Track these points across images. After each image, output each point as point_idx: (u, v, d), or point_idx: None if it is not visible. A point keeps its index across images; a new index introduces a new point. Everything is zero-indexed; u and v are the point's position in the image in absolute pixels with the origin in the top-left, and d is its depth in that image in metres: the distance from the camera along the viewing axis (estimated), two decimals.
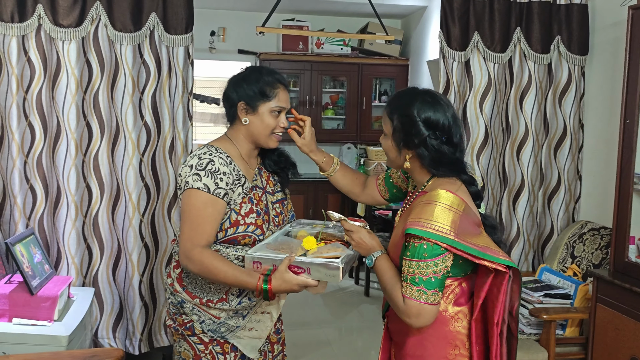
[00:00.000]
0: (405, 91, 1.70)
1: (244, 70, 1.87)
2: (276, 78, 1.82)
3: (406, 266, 1.53)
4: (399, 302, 1.55)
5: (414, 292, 1.52)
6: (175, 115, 2.89)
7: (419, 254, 1.51)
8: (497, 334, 1.57)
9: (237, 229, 1.76)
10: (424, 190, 1.63)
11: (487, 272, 1.58)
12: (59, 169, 2.76)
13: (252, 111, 1.79)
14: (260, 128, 1.80)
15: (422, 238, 1.50)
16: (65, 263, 2.81)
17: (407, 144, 1.61)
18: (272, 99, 1.79)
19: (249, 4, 5.52)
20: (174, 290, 1.85)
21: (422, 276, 1.51)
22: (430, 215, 1.51)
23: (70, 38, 2.70)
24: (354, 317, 4.32)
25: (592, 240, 3.06)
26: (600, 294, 2.55)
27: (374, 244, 1.66)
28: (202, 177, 1.71)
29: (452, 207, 1.53)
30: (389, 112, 1.65)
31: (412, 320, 1.53)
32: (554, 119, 3.32)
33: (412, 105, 1.60)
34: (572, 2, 3.22)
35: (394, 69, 6.02)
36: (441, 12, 3.14)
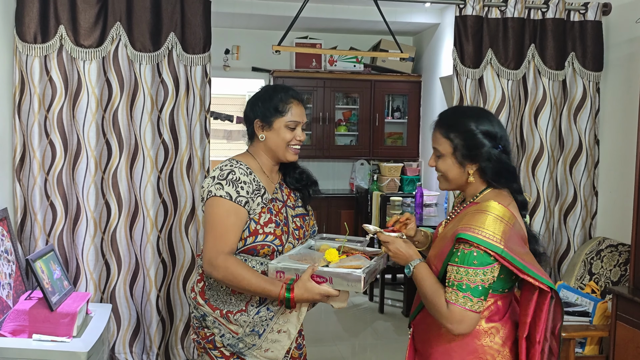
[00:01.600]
0: (453, 110, 1.77)
1: (260, 90, 1.96)
2: (289, 94, 1.89)
3: (453, 272, 1.55)
4: (441, 307, 1.56)
5: (459, 299, 1.54)
6: (192, 132, 2.93)
7: (469, 260, 1.54)
8: (538, 351, 1.60)
9: (256, 238, 1.81)
10: (475, 201, 1.67)
11: (531, 290, 1.60)
12: (79, 186, 2.80)
13: (268, 127, 1.87)
14: (277, 142, 1.87)
15: (472, 244, 1.53)
16: (84, 279, 2.84)
17: (471, 159, 1.64)
18: (286, 113, 1.87)
19: (262, 23, 5.60)
20: (197, 304, 1.89)
21: (469, 283, 1.53)
22: (482, 223, 1.55)
23: (91, 58, 2.76)
24: (368, 334, 4.30)
25: (610, 257, 3.04)
26: (620, 311, 2.52)
27: (411, 252, 1.68)
28: (224, 185, 1.78)
29: (503, 218, 1.57)
30: (443, 132, 1.67)
31: (453, 326, 1.55)
32: (569, 135, 3.32)
33: (468, 120, 1.65)
34: (586, 18, 3.24)
35: (407, 85, 6.05)
36: (455, 30, 3.17)
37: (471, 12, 3.13)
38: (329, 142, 6.00)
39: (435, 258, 1.67)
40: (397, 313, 4.72)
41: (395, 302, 4.99)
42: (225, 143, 9.25)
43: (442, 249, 1.64)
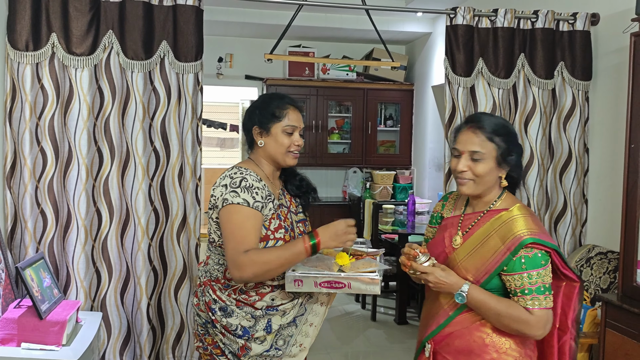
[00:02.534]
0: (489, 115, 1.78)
1: (257, 99, 2.02)
2: (285, 100, 1.94)
3: (524, 279, 1.59)
4: (526, 317, 1.58)
5: (542, 301, 1.58)
6: (184, 140, 2.93)
7: (537, 263, 1.59)
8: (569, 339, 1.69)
9: (266, 244, 1.84)
10: (494, 208, 1.70)
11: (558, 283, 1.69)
12: (70, 194, 2.80)
13: (266, 133, 1.91)
14: (275, 147, 1.91)
15: (534, 247, 1.59)
16: (74, 287, 2.83)
17: (506, 163, 1.69)
18: (283, 119, 1.90)
19: (255, 31, 5.62)
20: (199, 311, 1.92)
21: (544, 283, 1.59)
22: (530, 226, 1.61)
23: (83, 66, 2.76)
24: (360, 342, 4.29)
25: (599, 264, 3.06)
26: (610, 318, 2.53)
27: (454, 279, 1.64)
28: (240, 193, 1.81)
29: (534, 216, 1.67)
30: (489, 135, 1.67)
31: (541, 331, 1.59)
32: (559, 144, 3.35)
33: (508, 126, 1.73)
34: (575, 28, 3.28)
35: (399, 93, 6.09)
36: (446, 39, 3.20)
37: (462, 21, 3.16)
38: (321, 150, 6.02)
39: (479, 269, 1.64)
40: (389, 321, 4.72)
41: (387, 309, 4.99)
42: (219, 151, 9.27)
43: (489, 258, 1.63)
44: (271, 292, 1.90)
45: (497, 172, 1.68)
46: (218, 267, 1.92)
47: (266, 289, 1.89)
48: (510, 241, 1.59)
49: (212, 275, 1.93)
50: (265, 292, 1.89)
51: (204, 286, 1.94)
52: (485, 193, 1.72)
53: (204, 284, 1.94)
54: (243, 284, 1.87)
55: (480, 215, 1.71)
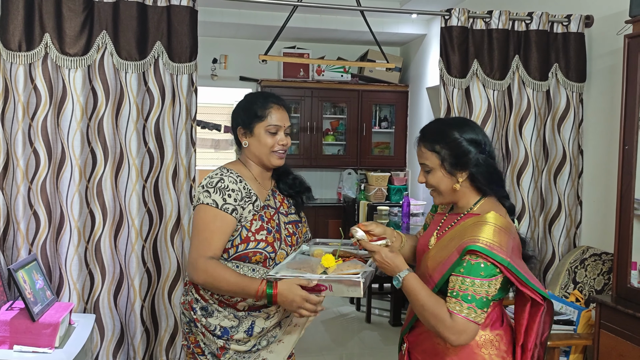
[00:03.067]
0: (434, 123, 1.77)
1: (242, 99, 2.00)
2: (269, 99, 1.91)
3: (458, 282, 1.55)
4: (444, 317, 1.55)
5: (463, 309, 1.53)
6: (178, 141, 2.91)
7: (476, 272, 1.54)
8: (529, 358, 1.64)
9: (247, 245, 1.82)
10: (471, 212, 1.67)
11: (524, 300, 1.63)
12: (63, 195, 2.78)
13: (250, 133, 1.90)
14: (259, 148, 1.89)
15: (480, 256, 1.53)
16: (67, 289, 2.81)
17: (460, 167, 1.65)
18: (265, 118, 1.88)
19: (250, 32, 5.61)
20: (184, 309, 1.93)
21: (475, 294, 1.53)
22: (487, 235, 1.55)
23: (76, 66, 2.74)
24: (355, 344, 4.29)
25: (593, 265, 3.06)
26: (604, 320, 2.54)
27: (398, 263, 1.65)
28: (212, 193, 1.81)
29: (505, 229, 1.58)
30: (429, 145, 1.68)
31: (454, 337, 1.54)
32: (553, 145, 3.35)
33: (451, 130, 1.66)
34: (569, 30, 3.29)
35: (394, 95, 6.09)
36: (441, 40, 3.20)
37: (456, 23, 3.16)
38: (316, 152, 6.01)
39: (435, 270, 1.65)
40: (384, 322, 4.72)
41: (382, 311, 4.99)
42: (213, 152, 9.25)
43: (443, 260, 1.62)
44: None
45: (450, 179, 1.66)
46: None
47: None
48: (461, 244, 1.58)
49: None
50: None
51: (189, 285, 1.95)
52: (458, 199, 1.70)
53: (188, 282, 1.95)
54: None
55: (457, 219, 1.70)
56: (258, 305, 1.86)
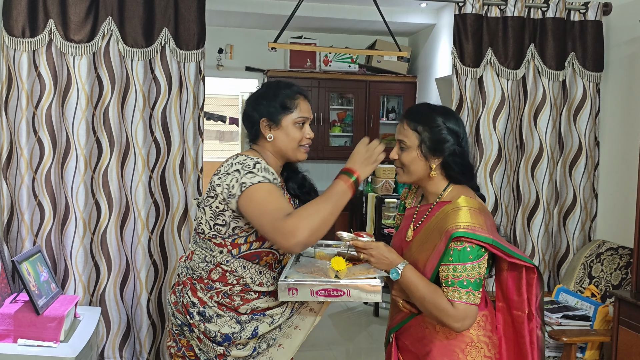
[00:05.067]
0: (422, 105, 1.79)
1: (261, 87, 1.85)
2: (294, 90, 1.79)
3: (450, 271, 1.59)
4: (446, 307, 1.58)
5: (463, 295, 1.58)
6: (185, 131, 2.85)
7: (464, 256, 1.58)
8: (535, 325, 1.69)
9: (262, 244, 1.71)
10: (442, 200, 1.70)
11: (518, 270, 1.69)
12: (68, 185, 2.72)
13: (276, 126, 1.75)
14: (286, 142, 1.76)
15: (464, 240, 1.57)
16: (73, 281, 2.75)
17: (435, 153, 1.67)
18: (294, 110, 1.76)
19: (256, 22, 5.53)
20: (175, 311, 1.77)
21: (469, 278, 1.58)
22: (466, 219, 1.60)
23: (81, 53, 2.67)
24: (362, 338, 4.23)
25: (610, 260, 2.99)
26: (623, 316, 2.47)
27: (394, 257, 1.67)
28: (257, 173, 1.62)
29: (479, 210, 1.64)
30: (412, 124, 1.70)
31: (459, 323, 1.58)
32: (569, 136, 3.27)
33: (437, 115, 1.70)
34: (586, 18, 3.19)
35: (402, 86, 5.99)
36: (454, 29, 3.11)
37: (471, 10, 3.08)
38: (323, 143, 5.94)
39: (426, 263, 1.66)
40: None
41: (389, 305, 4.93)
42: (218, 144, 9.18)
43: (431, 252, 1.64)
44: (257, 298, 1.74)
45: (424, 161, 1.68)
46: (203, 265, 1.73)
47: (252, 295, 1.73)
48: (444, 234, 1.60)
49: (195, 273, 1.74)
50: (251, 298, 1.73)
51: (182, 285, 1.77)
52: (426, 184, 1.73)
53: (183, 283, 1.77)
54: (229, 288, 1.71)
55: (430, 208, 1.72)
56: (262, 308, 1.75)
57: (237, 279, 1.71)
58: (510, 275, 1.72)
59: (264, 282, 1.74)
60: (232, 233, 1.69)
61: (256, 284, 1.73)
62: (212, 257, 1.72)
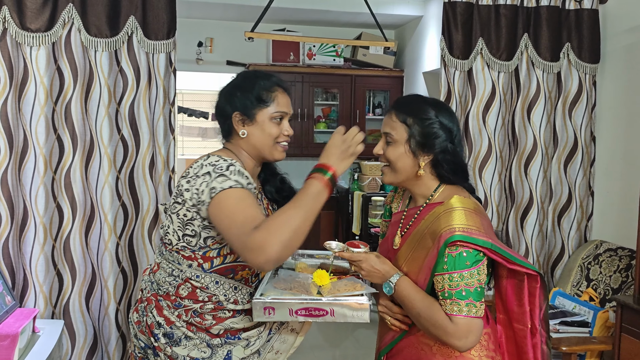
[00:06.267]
0: (413, 97, 1.62)
1: (236, 77, 1.64)
2: (273, 81, 1.59)
3: (445, 281, 1.40)
4: (444, 323, 1.39)
5: (462, 308, 1.39)
6: (155, 128, 2.64)
7: (460, 263, 1.40)
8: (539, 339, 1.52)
9: (238, 257, 1.50)
10: (432, 202, 1.53)
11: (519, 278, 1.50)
12: (26, 188, 2.50)
13: (250, 121, 1.56)
14: (261, 138, 1.57)
15: (460, 245, 1.40)
16: (33, 292, 2.54)
17: (426, 148, 1.50)
18: (271, 104, 1.57)
19: (237, 14, 5.33)
20: (139, 332, 1.58)
21: (468, 287, 1.40)
22: (461, 220, 1.42)
23: (39, 43, 2.45)
24: (349, 343, 4.07)
25: (609, 261, 2.84)
26: (625, 323, 2.31)
27: (387, 268, 1.49)
28: (229, 176, 1.43)
29: (475, 211, 1.47)
30: (401, 116, 1.51)
31: (461, 342, 1.39)
32: (564, 131, 3.11)
33: (429, 108, 1.52)
34: (582, 7, 3.03)
35: (388, 80, 5.83)
36: (443, 18, 2.94)
37: None
38: (307, 140, 5.76)
39: (418, 273, 1.48)
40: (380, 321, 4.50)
41: None
42: (200, 141, 8.96)
43: (424, 261, 1.46)
44: (232, 317, 1.56)
45: (412, 158, 1.50)
46: (170, 280, 1.54)
47: (226, 313, 1.55)
48: (437, 239, 1.43)
49: (161, 288, 1.55)
50: (224, 317, 1.55)
51: (147, 302, 1.57)
52: (414, 184, 1.55)
53: (147, 299, 1.57)
54: (199, 305, 1.52)
55: (419, 211, 1.55)
56: (237, 329, 1.56)
57: (209, 296, 1.52)
58: (509, 283, 1.53)
59: (239, 299, 1.55)
60: (204, 245, 1.50)
61: (230, 301, 1.54)
62: (180, 271, 1.52)
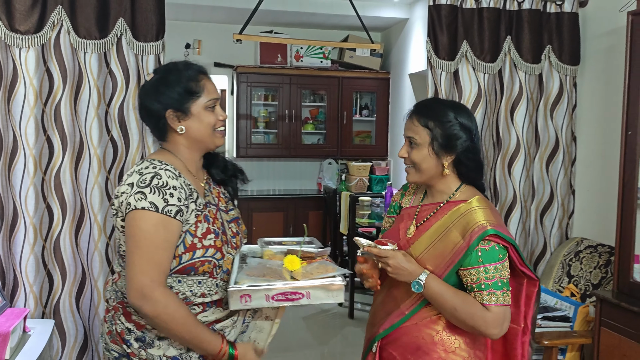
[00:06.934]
0: (432, 100, 1.74)
1: (155, 72, 1.62)
2: (197, 69, 1.59)
3: (481, 274, 1.50)
4: (482, 313, 1.49)
5: (499, 297, 1.50)
6: (144, 129, 2.66)
7: (494, 256, 1.51)
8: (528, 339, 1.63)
9: (194, 254, 1.50)
10: (454, 199, 1.62)
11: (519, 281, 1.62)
12: (16, 189, 2.51)
13: (185, 115, 1.55)
14: (201, 129, 1.56)
15: (491, 240, 1.51)
16: (23, 292, 2.55)
17: (448, 149, 1.59)
18: (202, 93, 1.56)
19: (225, 16, 5.35)
20: (110, 342, 1.57)
21: (502, 278, 1.51)
22: (490, 218, 1.53)
23: (28, 45, 2.46)
24: (337, 341, 4.11)
25: (589, 258, 2.91)
26: (605, 317, 2.38)
27: (414, 267, 1.56)
28: (148, 194, 1.44)
29: (495, 210, 1.60)
30: (423, 120, 1.60)
31: (497, 329, 1.50)
32: (546, 132, 3.19)
33: (448, 110, 1.60)
34: (562, 10, 3.11)
35: (375, 82, 5.89)
36: (428, 20, 3.00)
37: (445, 1, 2.96)
38: (295, 141, 5.80)
39: (439, 265, 1.55)
40: (367, 318, 4.54)
41: (365, 306, 4.81)
42: None
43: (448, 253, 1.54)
44: (203, 312, 1.55)
45: (436, 159, 1.60)
46: None
47: (196, 308, 1.54)
48: (470, 234, 1.52)
49: (126, 296, 1.50)
50: (195, 312, 1.53)
51: (114, 311, 1.56)
52: (436, 182, 1.64)
53: (114, 308, 1.56)
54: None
55: (439, 207, 1.63)
56: (209, 321, 1.56)
57: (175, 293, 1.51)
58: (510, 284, 1.61)
59: (206, 291, 1.54)
60: None
61: (197, 295, 1.53)
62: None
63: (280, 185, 6.07)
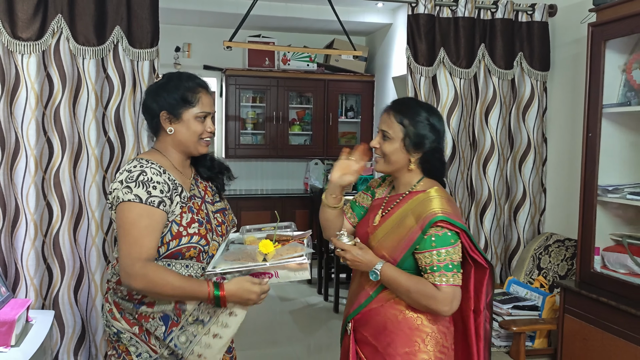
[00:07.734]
0: (410, 99, 1.88)
1: (162, 78, 1.82)
2: (197, 82, 1.78)
3: (433, 256, 1.65)
4: (433, 292, 1.64)
5: (449, 278, 1.64)
6: (140, 131, 2.82)
7: (446, 241, 1.65)
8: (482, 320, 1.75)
9: (180, 241, 1.69)
10: (415, 190, 1.77)
11: (467, 268, 1.74)
12: (18, 187, 2.65)
13: (176, 119, 1.75)
14: (187, 135, 1.76)
15: (443, 226, 1.64)
16: (24, 285, 2.68)
17: (418, 147, 1.74)
18: (196, 104, 1.75)
19: (214, 20, 5.49)
20: (112, 318, 1.76)
21: (453, 261, 1.65)
22: (443, 206, 1.67)
23: (29, 51, 2.61)
24: (323, 333, 4.27)
25: (557, 251, 3.11)
26: (568, 304, 2.58)
27: (370, 257, 1.71)
28: (133, 188, 1.64)
29: (450, 200, 1.74)
30: (398, 117, 1.74)
31: (447, 307, 1.65)
32: (518, 134, 3.39)
33: (422, 111, 1.75)
34: (533, 19, 3.31)
35: (360, 85, 6.07)
36: (407, 28, 3.18)
37: (423, 10, 3.15)
38: (282, 142, 5.96)
39: (395, 249, 1.70)
40: None
41: None
42: None
43: (402, 238, 1.69)
44: None
45: (405, 154, 1.74)
46: None
47: None
48: (422, 219, 1.67)
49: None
50: None
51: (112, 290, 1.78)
52: (402, 175, 1.79)
53: (113, 288, 1.78)
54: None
55: (402, 197, 1.79)
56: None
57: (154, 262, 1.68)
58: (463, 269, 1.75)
59: (193, 274, 1.73)
60: None
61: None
62: None
63: (268, 184, 6.22)
